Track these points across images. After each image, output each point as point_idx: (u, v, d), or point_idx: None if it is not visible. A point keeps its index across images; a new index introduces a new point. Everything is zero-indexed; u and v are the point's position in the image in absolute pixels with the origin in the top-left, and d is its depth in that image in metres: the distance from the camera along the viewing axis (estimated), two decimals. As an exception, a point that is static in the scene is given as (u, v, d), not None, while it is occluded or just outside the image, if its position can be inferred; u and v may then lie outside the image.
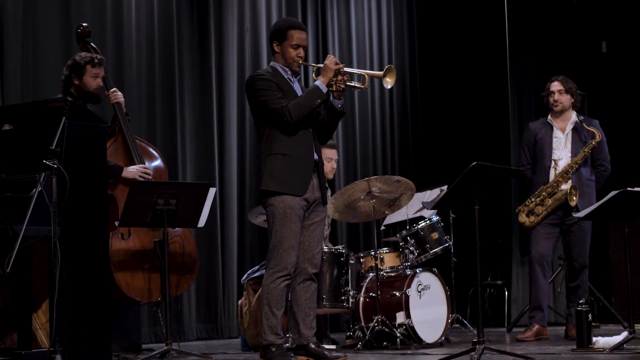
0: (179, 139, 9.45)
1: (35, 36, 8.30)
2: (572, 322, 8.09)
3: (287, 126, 6.28)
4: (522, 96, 11.53)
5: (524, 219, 8.31)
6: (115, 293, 6.74)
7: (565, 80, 8.39)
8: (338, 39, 11.36)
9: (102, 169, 5.93)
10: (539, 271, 8.24)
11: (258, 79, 6.37)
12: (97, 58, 7.04)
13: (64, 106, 5.53)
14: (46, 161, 5.26)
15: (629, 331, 6.73)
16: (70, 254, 5.50)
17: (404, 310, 7.65)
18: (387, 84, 6.34)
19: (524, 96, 11.53)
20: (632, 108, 11.36)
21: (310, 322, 6.46)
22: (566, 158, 8.26)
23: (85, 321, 5.65)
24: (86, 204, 5.74)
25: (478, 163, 6.16)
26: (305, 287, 6.43)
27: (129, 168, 7.06)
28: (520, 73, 11.57)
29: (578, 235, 8.25)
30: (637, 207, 6.86)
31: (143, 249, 7.03)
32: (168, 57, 9.44)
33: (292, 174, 6.28)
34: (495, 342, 8.05)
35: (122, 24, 9.04)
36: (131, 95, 8.82)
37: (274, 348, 6.24)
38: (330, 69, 6.30)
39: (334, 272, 7.64)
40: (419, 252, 8.05)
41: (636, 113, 11.34)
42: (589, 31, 11.70)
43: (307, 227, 6.40)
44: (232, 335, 9.67)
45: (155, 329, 8.88)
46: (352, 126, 11.38)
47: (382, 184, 7.74)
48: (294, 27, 6.45)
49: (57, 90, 7.17)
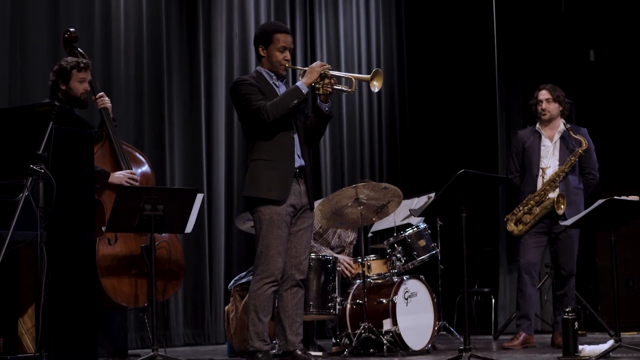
0: (167, 144, 9.44)
1: (23, 40, 8.28)
2: (558, 330, 8.09)
3: (266, 127, 6.25)
4: (510, 104, 11.55)
5: (512, 227, 8.31)
6: (102, 298, 6.72)
7: (553, 89, 8.39)
8: (326, 43, 11.36)
9: (89, 174, 5.93)
10: (527, 280, 8.25)
11: (241, 84, 6.37)
12: (83, 62, 7.03)
13: (52, 111, 5.53)
14: (33, 166, 5.25)
15: (615, 339, 6.73)
16: (56, 259, 5.49)
17: (391, 317, 7.64)
18: (374, 87, 6.33)
19: (512, 104, 11.54)
20: (620, 116, 11.40)
21: (297, 329, 6.45)
22: (554, 166, 8.27)
23: (71, 326, 5.64)
24: (73, 209, 5.73)
25: (465, 171, 6.17)
26: (293, 294, 6.43)
27: (115, 173, 7.04)
28: (508, 81, 11.59)
29: (565, 244, 8.26)
30: (624, 215, 6.86)
31: (130, 254, 7.01)
32: (156, 63, 9.43)
33: (272, 179, 6.26)
34: (482, 349, 8.04)
35: (110, 29, 9.03)
36: (119, 100, 8.80)
37: (261, 354, 6.23)
38: (315, 70, 6.29)
39: (321, 278, 7.62)
40: (406, 259, 8.04)
41: (624, 121, 11.38)
42: (577, 39, 11.73)
43: (294, 234, 6.39)
44: (219, 341, 9.65)
45: (142, 334, 8.86)
46: (340, 132, 11.38)
47: (370, 191, 7.74)
48: (279, 31, 6.45)
49: (44, 95, 7.16)
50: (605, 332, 9.43)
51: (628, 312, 9.87)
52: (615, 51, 11.56)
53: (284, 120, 6.30)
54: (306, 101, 6.35)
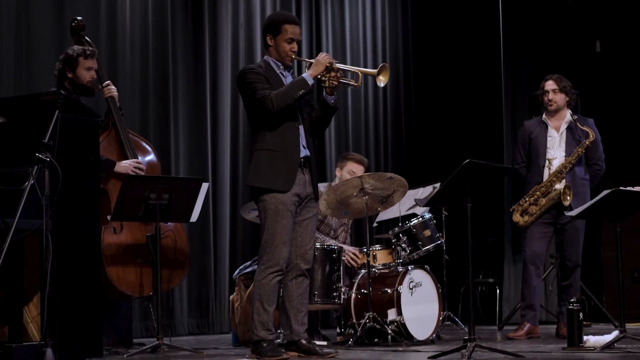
0: (172, 133, 9.44)
1: (29, 29, 8.27)
2: (563, 321, 8.10)
3: (271, 117, 6.25)
4: (515, 94, 11.53)
5: (518, 218, 8.30)
6: (107, 287, 6.74)
7: (559, 79, 8.37)
8: (332, 35, 11.35)
9: (95, 163, 5.92)
10: (532, 270, 8.24)
11: (248, 72, 6.37)
12: (89, 50, 7.05)
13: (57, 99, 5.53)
14: (39, 154, 5.25)
15: (619, 330, 6.73)
16: (62, 248, 5.49)
17: (396, 307, 7.64)
18: (380, 82, 6.33)
19: (518, 94, 11.53)
20: (625, 107, 11.39)
21: (301, 318, 6.46)
22: (560, 157, 8.26)
23: (76, 315, 5.65)
24: (78, 198, 5.73)
25: (471, 161, 6.16)
26: (298, 283, 6.43)
27: (121, 163, 7.05)
28: (514, 71, 11.57)
29: (571, 235, 8.25)
30: (629, 206, 6.86)
31: (135, 243, 7.03)
32: (162, 52, 9.42)
33: (277, 169, 6.26)
34: (487, 340, 8.05)
35: (116, 18, 9.02)
36: (125, 89, 8.80)
37: (265, 344, 6.23)
38: (321, 63, 6.29)
39: (326, 268, 7.63)
40: (411, 250, 8.03)
41: (630, 112, 11.37)
42: (583, 30, 11.71)
43: (299, 223, 6.39)
44: (224, 331, 9.67)
45: (147, 323, 8.88)
46: (345, 122, 11.38)
47: (375, 181, 7.73)
48: (288, 21, 6.44)
49: (50, 85, 7.16)
50: (610, 323, 9.43)
51: (633, 303, 9.88)
52: (621, 42, 11.54)
53: (290, 110, 6.29)
54: (311, 92, 6.34)
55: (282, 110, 6.23)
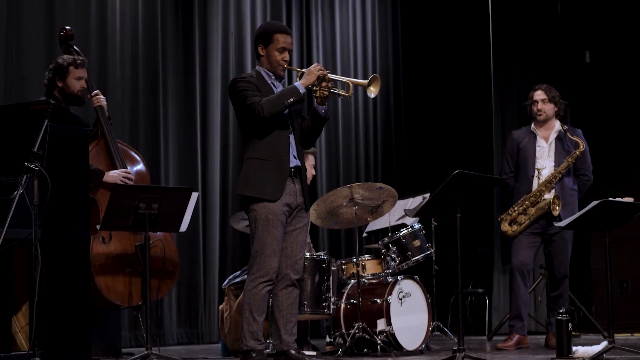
0: (162, 143, 9.44)
1: (18, 38, 8.27)
2: (552, 331, 8.11)
3: (262, 124, 6.25)
4: (505, 104, 11.56)
5: (506, 227, 8.31)
6: (96, 296, 6.72)
7: (548, 89, 8.39)
8: (322, 44, 11.37)
9: (84, 172, 5.92)
10: (520, 280, 8.24)
11: (239, 80, 6.37)
12: (79, 59, 7.04)
13: (47, 108, 5.52)
14: (28, 163, 5.24)
15: (608, 341, 6.73)
16: (51, 257, 5.48)
17: (385, 317, 7.64)
18: (370, 93, 6.33)
19: (508, 104, 11.56)
20: (614, 118, 11.42)
21: (291, 328, 6.45)
22: (549, 167, 8.27)
23: (65, 324, 5.64)
24: (68, 207, 5.72)
25: (460, 171, 6.17)
26: (288, 293, 6.42)
27: (110, 172, 7.04)
28: (503, 81, 11.61)
29: (559, 245, 8.26)
30: (618, 217, 6.86)
31: (124, 252, 7.01)
32: (152, 61, 9.43)
33: (267, 178, 6.26)
34: (476, 350, 8.05)
35: (106, 27, 9.02)
36: (114, 98, 8.80)
37: (255, 354, 6.22)
38: (313, 73, 6.29)
39: (316, 278, 7.62)
40: (401, 260, 8.04)
41: (618, 123, 11.40)
42: (573, 41, 11.75)
43: (289, 233, 6.38)
44: (213, 340, 9.66)
45: (136, 333, 8.87)
46: (335, 132, 11.39)
47: (365, 191, 7.74)
48: (279, 31, 6.45)
49: (40, 93, 7.15)
50: (599, 333, 9.44)
51: (622, 313, 9.88)
52: (611, 53, 11.58)
53: (281, 119, 6.30)
54: (302, 101, 6.35)
55: (273, 118, 6.22)
